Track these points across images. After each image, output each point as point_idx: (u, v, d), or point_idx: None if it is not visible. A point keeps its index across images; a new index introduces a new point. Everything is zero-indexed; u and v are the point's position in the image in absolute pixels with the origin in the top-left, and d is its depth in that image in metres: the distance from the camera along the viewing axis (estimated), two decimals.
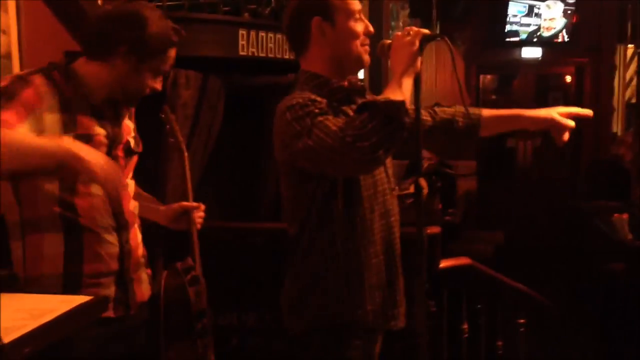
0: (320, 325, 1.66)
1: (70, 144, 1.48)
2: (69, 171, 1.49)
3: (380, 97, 1.53)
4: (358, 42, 1.69)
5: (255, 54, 3.55)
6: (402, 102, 1.52)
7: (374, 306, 1.67)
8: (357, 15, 1.69)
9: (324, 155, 1.50)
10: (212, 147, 3.59)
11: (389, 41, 1.68)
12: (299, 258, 1.69)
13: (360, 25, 1.70)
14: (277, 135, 1.62)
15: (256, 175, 4.09)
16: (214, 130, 3.62)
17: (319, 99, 1.59)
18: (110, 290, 1.68)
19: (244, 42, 3.48)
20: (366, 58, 1.72)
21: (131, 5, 1.71)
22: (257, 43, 3.57)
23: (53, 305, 1.24)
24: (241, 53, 3.47)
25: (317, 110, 1.54)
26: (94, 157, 1.48)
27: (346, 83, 1.71)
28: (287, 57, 3.75)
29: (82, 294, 1.52)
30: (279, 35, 3.68)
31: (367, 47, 1.72)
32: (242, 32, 3.45)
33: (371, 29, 1.72)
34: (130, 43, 1.64)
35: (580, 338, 4.26)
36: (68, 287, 1.61)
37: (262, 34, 3.57)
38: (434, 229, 2.68)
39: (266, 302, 2.60)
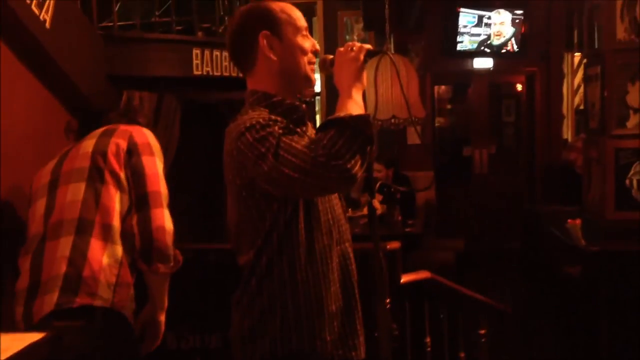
0: (277, 356, 1.58)
1: None
2: None
3: (342, 114, 1.49)
4: (306, 59, 1.65)
5: (210, 72, 3.54)
6: (368, 115, 1.50)
7: (333, 336, 1.61)
8: (304, 32, 1.66)
9: (293, 177, 1.44)
10: (170, 165, 3.55)
11: (331, 56, 1.65)
12: (253, 286, 1.60)
13: (308, 42, 1.66)
14: (234, 158, 1.53)
15: (218, 193, 4.06)
16: (171, 149, 3.59)
17: (279, 118, 1.53)
18: None
19: (198, 61, 3.47)
20: (312, 77, 1.68)
21: None
22: (212, 61, 3.56)
23: (5, 345, 1.20)
24: (195, 72, 3.45)
25: (280, 131, 1.48)
26: None
27: (301, 104, 1.69)
28: (241, 75, 3.74)
29: None
30: None
31: (313, 66, 1.68)
32: (196, 51, 3.44)
33: (318, 47, 1.68)
34: None
35: (540, 341, 4.35)
36: None
37: (216, 52, 3.56)
38: (394, 244, 2.70)
39: (230, 323, 2.57)
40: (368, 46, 1.62)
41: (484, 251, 6.40)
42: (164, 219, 1.91)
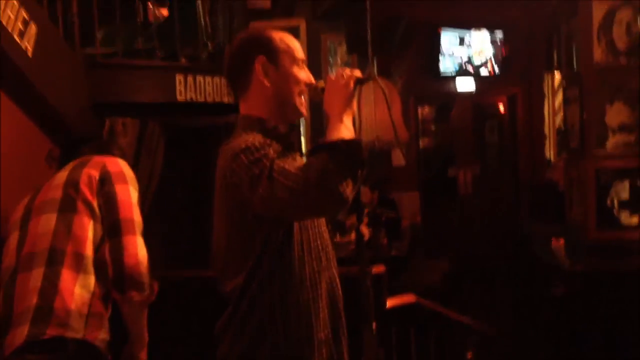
0: None
1: None
2: None
3: (333, 138, 1.52)
4: (298, 90, 1.68)
5: (194, 98, 3.55)
6: (359, 140, 1.53)
7: None
8: (301, 64, 1.70)
9: (286, 199, 1.45)
10: (154, 191, 3.54)
11: (321, 84, 1.69)
12: (243, 311, 1.60)
13: (303, 74, 1.70)
14: (227, 179, 1.55)
15: (202, 219, 4.05)
16: (155, 175, 3.57)
17: (273, 142, 1.56)
18: None
19: (182, 87, 3.48)
20: (303, 110, 1.71)
21: None
22: (195, 87, 3.57)
23: None
24: (179, 98, 3.46)
25: (274, 154, 1.51)
26: None
27: (291, 132, 1.71)
28: (225, 100, 3.75)
29: None
30: (217, 79, 3.69)
31: (304, 98, 1.71)
32: (179, 77, 3.45)
33: (312, 80, 1.72)
34: None
35: None
36: None
37: (199, 78, 3.57)
38: (379, 268, 2.70)
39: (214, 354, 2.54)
40: (358, 73, 1.65)
41: (470, 272, 6.40)
42: (137, 246, 1.90)
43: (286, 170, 1.47)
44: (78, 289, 1.83)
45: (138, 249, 1.89)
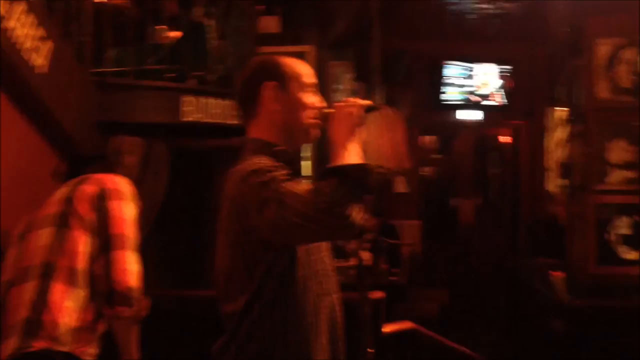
0: None
1: None
2: None
3: (341, 163, 1.52)
4: (308, 114, 1.69)
5: (201, 119, 3.59)
6: (369, 165, 1.53)
7: None
8: (311, 89, 1.71)
9: (295, 223, 1.45)
10: (157, 212, 3.55)
11: (330, 110, 1.69)
12: (243, 335, 1.59)
13: (313, 99, 1.71)
14: (235, 201, 1.55)
15: (205, 241, 4.06)
16: (160, 196, 3.59)
17: (282, 165, 1.57)
18: None
19: (188, 108, 3.52)
20: (314, 132, 1.72)
21: None
22: (202, 108, 3.61)
23: None
24: (184, 119, 3.50)
25: (283, 177, 1.51)
26: None
27: (298, 158, 1.73)
28: (234, 122, 3.79)
29: None
30: (225, 101, 3.73)
31: (316, 121, 1.71)
32: (185, 98, 3.49)
33: (323, 104, 1.72)
34: None
35: None
36: None
37: (207, 99, 3.62)
38: (378, 294, 2.71)
39: None
40: (367, 102, 1.66)
41: (468, 304, 6.38)
42: (127, 262, 1.90)
43: (296, 194, 1.47)
44: (68, 303, 1.85)
45: (128, 264, 1.90)
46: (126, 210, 1.98)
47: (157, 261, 3.62)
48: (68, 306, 1.85)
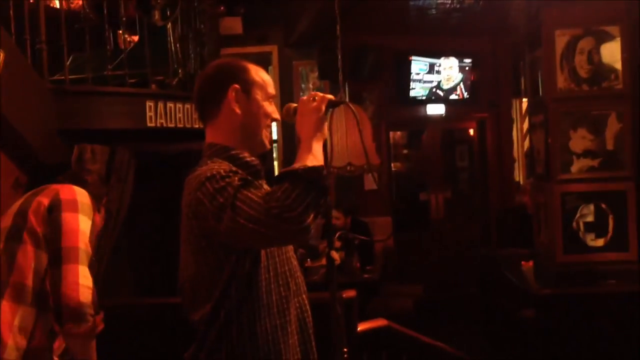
0: None
1: None
2: None
3: (297, 165, 1.53)
4: (265, 123, 1.71)
5: (164, 124, 3.54)
6: (322, 167, 1.53)
7: None
8: (271, 100, 1.73)
9: (248, 227, 1.45)
10: (124, 217, 3.50)
11: (294, 105, 1.71)
12: (211, 341, 1.59)
13: (272, 109, 1.73)
14: (192, 208, 1.54)
15: (173, 247, 4.01)
16: (125, 202, 3.54)
17: (239, 170, 1.57)
18: None
19: (152, 113, 3.47)
20: (267, 143, 1.73)
21: None
22: (166, 113, 3.57)
23: None
24: (149, 124, 3.45)
25: (239, 182, 1.51)
26: None
27: (257, 161, 1.71)
28: (196, 126, 3.75)
29: None
30: (187, 105, 3.69)
31: (269, 132, 1.74)
32: (149, 103, 3.44)
33: (278, 116, 1.74)
34: None
35: None
36: None
37: (170, 104, 3.57)
38: (350, 293, 2.71)
39: None
40: (330, 97, 1.68)
41: (442, 297, 6.43)
42: (78, 276, 1.82)
43: (250, 198, 1.47)
44: (17, 322, 1.79)
45: (79, 278, 1.82)
46: (80, 223, 1.91)
47: (125, 267, 3.58)
48: (17, 325, 1.79)
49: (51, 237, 1.86)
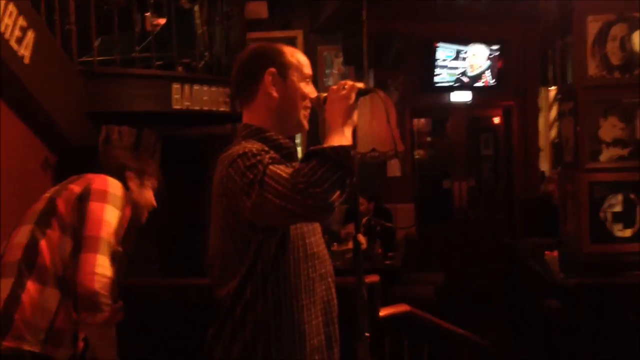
0: None
1: None
2: None
3: (325, 145, 1.54)
4: (303, 104, 1.72)
5: (190, 107, 3.56)
6: (351, 147, 1.54)
7: None
8: (308, 80, 1.74)
9: (274, 202, 1.47)
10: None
11: (324, 94, 1.71)
12: (237, 317, 1.61)
13: (309, 89, 1.73)
14: (224, 184, 1.57)
15: (197, 229, 4.05)
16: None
17: (271, 150, 1.60)
18: None
19: (178, 96, 3.48)
20: (305, 124, 1.74)
21: None
22: (192, 96, 3.58)
23: None
24: (175, 107, 3.47)
25: (269, 159, 1.54)
26: None
27: (291, 143, 1.72)
28: (222, 109, 3.76)
29: None
30: (213, 88, 3.70)
31: (307, 113, 1.74)
32: (175, 86, 3.46)
33: (315, 95, 1.73)
34: None
35: None
36: None
37: (196, 87, 3.59)
38: (373, 278, 2.70)
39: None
40: (360, 85, 1.68)
41: (464, 285, 6.40)
42: (95, 265, 1.79)
43: (277, 174, 1.50)
44: (41, 302, 1.80)
45: (97, 267, 1.79)
46: (105, 213, 1.90)
47: (150, 250, 3.61)
48: (40, 306, 1.80)
49: (77, 225, 1.86)
